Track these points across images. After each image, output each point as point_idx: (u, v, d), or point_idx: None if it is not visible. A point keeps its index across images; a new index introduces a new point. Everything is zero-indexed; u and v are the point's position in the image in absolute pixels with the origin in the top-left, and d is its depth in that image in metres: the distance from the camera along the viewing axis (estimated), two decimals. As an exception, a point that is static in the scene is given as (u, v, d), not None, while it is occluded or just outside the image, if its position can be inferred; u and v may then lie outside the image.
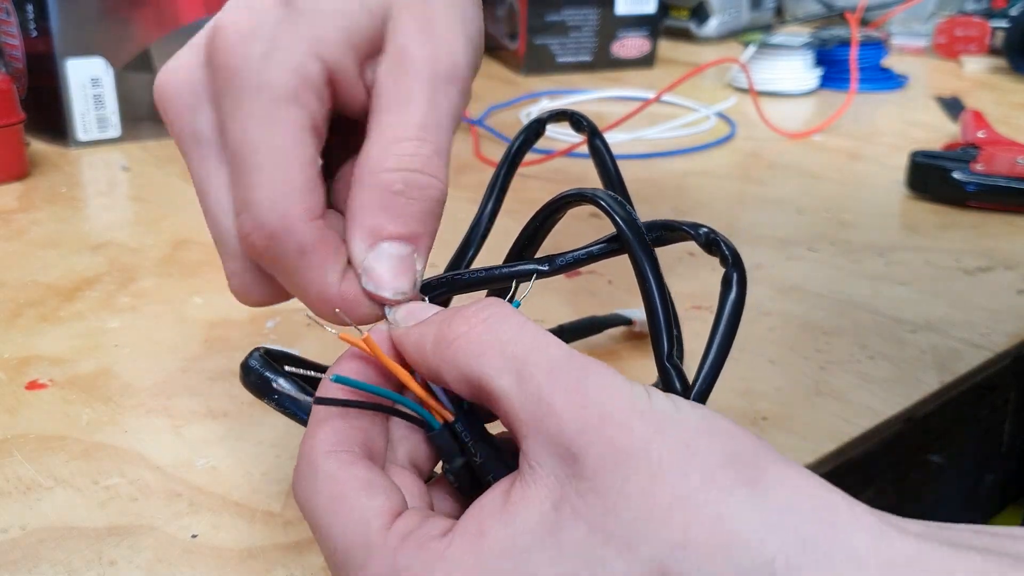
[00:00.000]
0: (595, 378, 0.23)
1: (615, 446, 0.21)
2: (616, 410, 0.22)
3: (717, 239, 0.29)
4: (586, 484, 0.21)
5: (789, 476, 0.21)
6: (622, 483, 0.21)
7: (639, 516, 0.21)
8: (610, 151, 0.37)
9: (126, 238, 0.60)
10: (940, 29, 1.21)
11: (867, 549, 0.20)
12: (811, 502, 0.21)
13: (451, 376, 0.24)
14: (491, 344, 0.24)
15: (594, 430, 0.22)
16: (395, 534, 0.23)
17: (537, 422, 0.22)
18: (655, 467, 0.21)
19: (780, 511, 0.20)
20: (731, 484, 0.21)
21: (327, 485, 0.24)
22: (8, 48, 0.79)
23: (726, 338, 0.28)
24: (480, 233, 0.35)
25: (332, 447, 0.25)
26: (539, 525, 0.21)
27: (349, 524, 0.24)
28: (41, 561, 0.32)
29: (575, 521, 0.21)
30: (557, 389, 0.22)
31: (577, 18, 1.09)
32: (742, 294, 0.28)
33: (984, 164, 0.67)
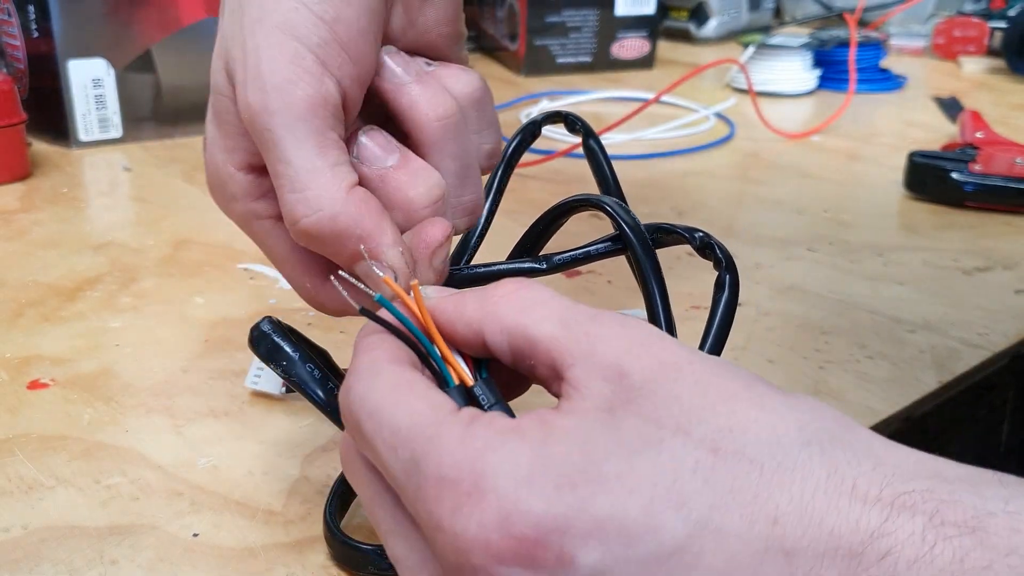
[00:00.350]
0: (634, 320, 0.25)
1: (661, 360, 0.24)
2: (658, 337, 0.25)
3: (711, 243, 0.30)
4: (635, 393, 0.23)
5: (809, 397, 0.24)
6: (670, 387, 0.23)
7: (690, 408, 0.23)
8: (605, 152, 0.38)
9: (127, 238, 0.60)
10: (938, 30, 1.21)
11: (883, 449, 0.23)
12: (833, 412, 0.24)
13: (492, 328, 0.26)
14: (534, 302, 0.26)
15: (640, 349, 0.24)
16: (465, 414, 0.24)
17: (585, 352, 0.24)
18: (698, 375, 0.23)
19: (811, 411, 0.23)
20: (767, 391, 0.24)
21: (394, 381, 0.25)
22: (10, 49, 0.79)
23: (718, 339, 0.30)
24: (479, 232, 0.35)
25: (396, 360, 0.26)
26: (597, 420, 0.23)
27: (419, 406, 0.24)
28: (43, 560, 0.32)
29: (629, 416, 0.23)
30: (603, 326, 0.25)
31: (577, 19, 1.09)
32: (734, 297, 0.30)
33: (982, 164, 0.67)
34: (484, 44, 1.18)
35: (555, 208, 0.33)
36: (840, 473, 0.22)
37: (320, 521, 0.33)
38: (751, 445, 0.22)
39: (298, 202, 0.28)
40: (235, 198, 0.32)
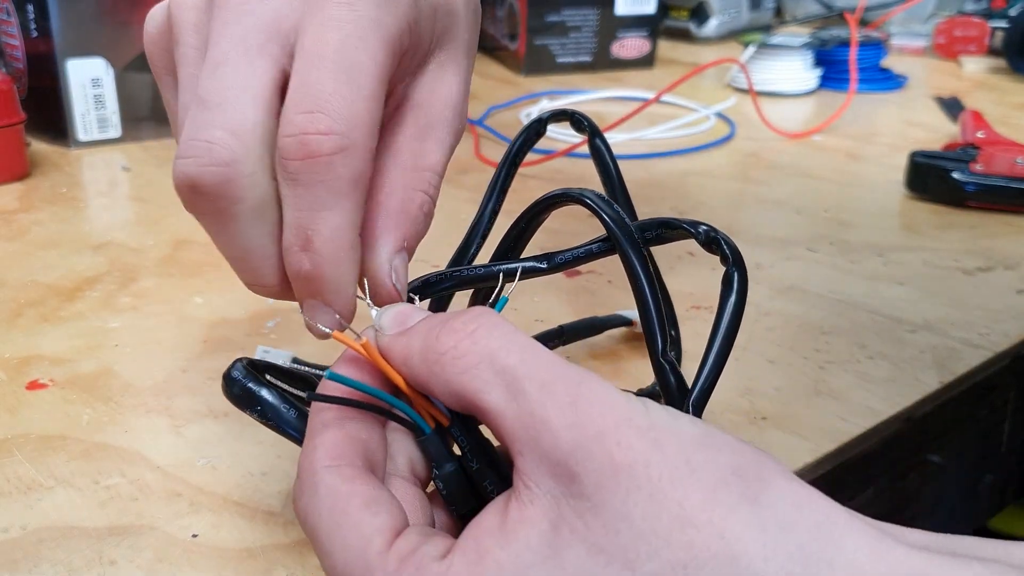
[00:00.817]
0: (589, 392, 0.22)
1: (614, 463, 0.21)
2: (613, 425, 0.21)
3: (718, 237, 0.29)
4: (584, 504, 0.21)
5: (790, 490, 0.21)
6: (622, 502, 0.21)
7: (640, 536, 0.20)
8: (611, 151, 0.38)
9: (127, 238, 0.60)
10: (939, 29, 1.21)
11: (868, 562, 0.20)
12: (812, 517, 0.21)
13: (439, 391, 0.24)
14: (480, 358, 0.23)
15: (591, 446, 0.21)
16: (395, 555, 0.23)
17: (531, 439, 0.22)
18: (655, 484, 0.21)
19: (782, 528, 0.20)
20: (733, 501, 0.21)
21: (328, 500, 0.24)
22: (9, 48, 0.79)
23: (727, 340, 0.28)
24: (481, 232, 0.35)
25: (333, 460, 0.25)
26: (538, 546, 0.21)
27: (350, 542, 0.23)
28: (42, 561, 0.32)
29: (575, 542, 0.21)
30: (551, 404, 0.22)
31: (577, 18, 1.09)
32: (743, 294, 0.28)
33: (983, 164, 0.67)
34: (484, 44, 1.18)
35: (536, 204, 0.33)
36: None
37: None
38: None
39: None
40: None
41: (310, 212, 0.26)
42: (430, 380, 0.24)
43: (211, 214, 0.27)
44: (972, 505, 0.53)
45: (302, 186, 0.26)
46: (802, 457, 0.38)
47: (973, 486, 0.53)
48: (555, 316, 0.47)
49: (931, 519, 0.49)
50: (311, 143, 0.25)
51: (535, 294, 0.51)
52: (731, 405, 0.41)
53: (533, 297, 0.51)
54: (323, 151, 0.25)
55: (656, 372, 0.28)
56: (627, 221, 0.30)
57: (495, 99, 0.95)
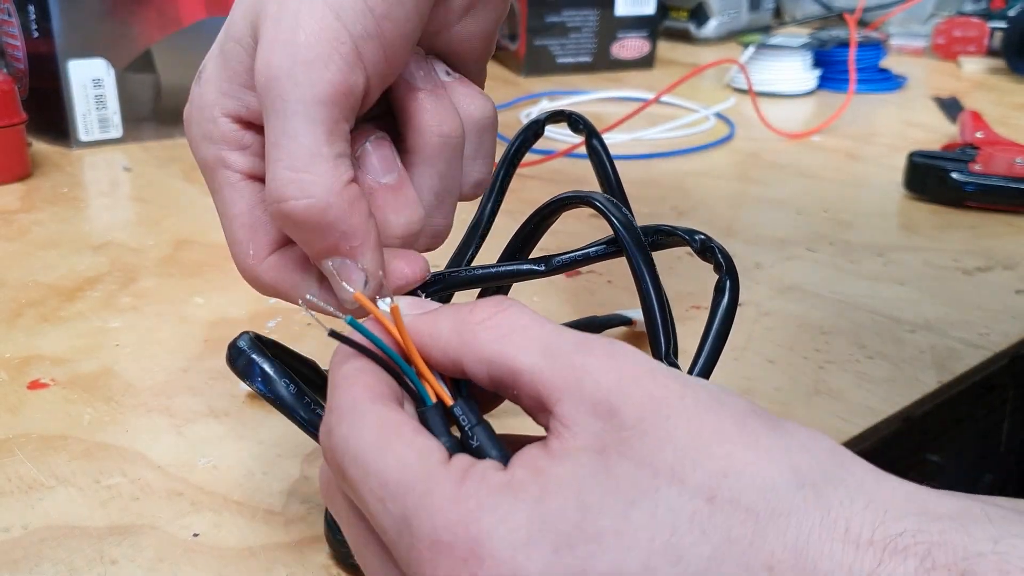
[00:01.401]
0: (622, 348, 0.24)
1: (652, 397, 0.23)
2: (648, 370, 0.23)
3: (712, 246, 0.30)
4: (627, 432, 0.22)
5: (803, 428, 0.24)
6: (663, 428, 0.22)
7: (684, 452, 0.22)
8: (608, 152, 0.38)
9: (127, 238, 0.60)
10: (938, 30, 1.21)
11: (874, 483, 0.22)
12: (825, 444, 0.23)
13: (471, 358, 0.25)
14: (514, 328, 0.25)
15: (630, 384, 0.23)
16: (456, 467, 0.23)
17: (572, 385, 0.23)
18: (691, 412, 0.23)
19: (803, 448, 0.23)
20: (759, 427, 0.23)
21: (378, 424, 0.24)
22: (10, 49, 0.79)
23: (716, 345, 0.29)
24: (480, 232, 0.35)
25: (377, 396, 0.25)
26: (589, 464, 0.22)
27: (408, 456, 0.23)
28: (43, 560, 0.32)
29: (622, 460, 0.22)
30: (589, 356, 0.24)
31: (577, 19, 1.09)
32: (734, 302, 0.29)
33: (982, 164, 0.67)
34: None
35: (545, 206, 0.33)
36: (833, 516, 0.22)
37: (320, 521, 0.33)
38: (747, 491, 0.22)
39: (291, 182, 0.27)
40: (212, 140, 0.31)
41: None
42: (462, 349, 0.25)
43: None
44: (971, 505, 0.53)
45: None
46: (801, 456, 0.38)
47: (972, 485, 0.53)
48: (555, 316, 0.47)
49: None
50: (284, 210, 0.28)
51: (535, 294, 0.51)
52: (731, 405, 0.41)
53: (533, 297, 0.51)
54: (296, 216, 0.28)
55: None
56: (635, 225, 0.30)
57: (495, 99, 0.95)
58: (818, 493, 0.22)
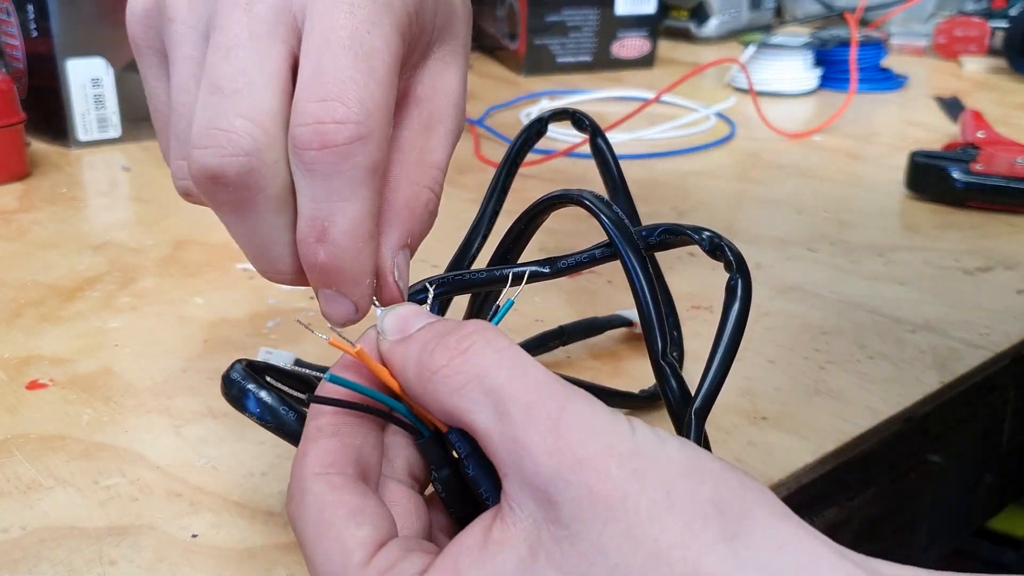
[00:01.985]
0: (573, 416, 0.22)
1: (592, 493, 0.21)
2: (593, 454, 0.21)
3: (722, 244, 0.29)
4: (562, 531, 0.21)
5: (773, 527, 0.21)
6: (598, 534, 0.21)
7: (614, 570, 0.20)
8: (612, 151, 0.37)
9: (126, 238, 0.60)
10: (940, 29, 1.21)
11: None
12: (795, 557, 0.20)
13: (432, 407, 0.24)
14: (469, 377, 0.23)
15: (570, 475, 0.21)
16: (373, 571, 0.23)
17: (515, 463, 0.22)
18: (631, 518, 0.20)
19: (760, 569, 0.20)
20: (711, 539, 0.20)
21: (314, 509, 0.24)
22: (8, 48, 0.79)
23: (730, 348, 0.28)
24: (481, 233, 0.35)
25: (323, 468, 0.25)
26: (514, 571, 0.21)
27: (331, 553, 0.23)
28: (41, 561, 0.32)
29: (550, 570, 0.21)
30: (532, 429, 0.22)
31: (577, 18, 1.09)
32: (747, 302, 0.28)
33: (983, 164, 0.67)
34: (484, 44, 1.18)
35: (535, 205, 0.33)
36: None
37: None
38: None
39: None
40: None
41: (327, 203, 0.26)
42: (423, 396, 0.25)
43: (231, 204, 0.26)
44: (972, 505, 0.53)
45: (319, 176, 0.25)
46: (802, 457, 0.38)
47: (973, 486, 0.53)
48: (555, 316, 0.47)
49: (931, 519, 0.49)
50: (327, 132, 0.25)
51: (535, 295, 0.51)
52: (731, 405, 0.41)
53: (533, 298, 0.51)
54: (340, 140, 0.25)
55: (656, 375, 0.28)
56: (626, 223, 0.30)
57: (495, 99, 0.95)
58: None
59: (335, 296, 0.27)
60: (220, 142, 0.25)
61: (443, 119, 0.30)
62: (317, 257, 0.26)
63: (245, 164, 0.25)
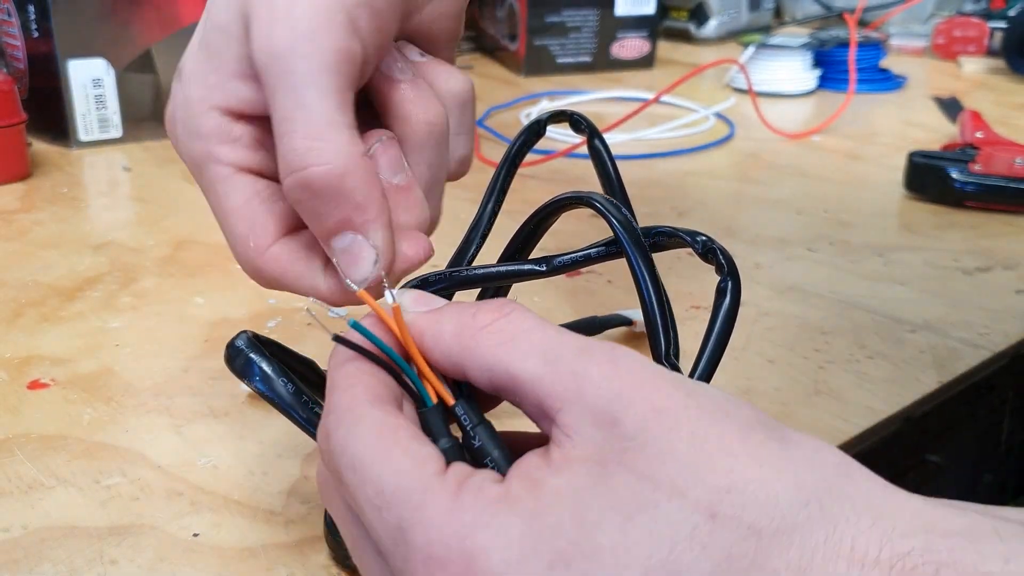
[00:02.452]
0: (624, 354, 0.24)
1: (655, 407, 0.22)
2: (651, 377, 0.23)
3: (714, 247, 0.30)
4: (629, 443, 0.22)
5: (809, 439, 0.23)
6: (665, 439, 0.22)
7: (685, 465, 0.22)
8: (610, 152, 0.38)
9: (127, 238, 0.60)
10: (938, 30, 1.21)
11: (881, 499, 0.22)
12: (831, 458, 0.23)
13: (473, 364, 0.25)
14: (516, 334, 0.25)
15: (632, 394, 0.23)
16: (452, 478, 0.23)
17: (574, 393, 0.23)
18: (694, 423, 0.22)
19: (808, 462, 0.22)
20: (764, 439, 0.23)
21: (376, 428, 0.24)
22: (10, 49, 0.79)
23: (717, 347, 0.29)
24: (480, 232, 0.35)
25: (376, 398, 0.25)
26: (588, 475, 0.22)
27: (405, 465, 0.23)
28: (43, 560, 0.32)
29: (623, 471, 0.22)
30: (590, 363, 0.23)
31: (577, 19, 1.09)
32: (735, 304, 0.29)
33: (982, 164, 0.67)
34: (484, 44, 1.18)
35: (545, 206, 0.33)
36: (839, 533, 0.21)
37: (320, 521, 0.33)
38: (749, 508, 0.21)
39: (310, 150, 0.27)
40: (200, 137, 0.30)
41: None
42: (463, 354, 0.25)
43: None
44: (971, 505, 0.53)
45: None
46: (801, 457, 0.38)
47: (972, 485, 0.53)
48: (555, 316, 0.47)
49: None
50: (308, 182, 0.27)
51: (535, 294, 0.51)
52: (731, 405, 0.41)
53: (533, 297, 0.51)
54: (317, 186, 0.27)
55: None
56: (634, 225, 0.30)
57: (495, 99, 0.95)
58: (823, 509, 0.21)
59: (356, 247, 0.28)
60: None
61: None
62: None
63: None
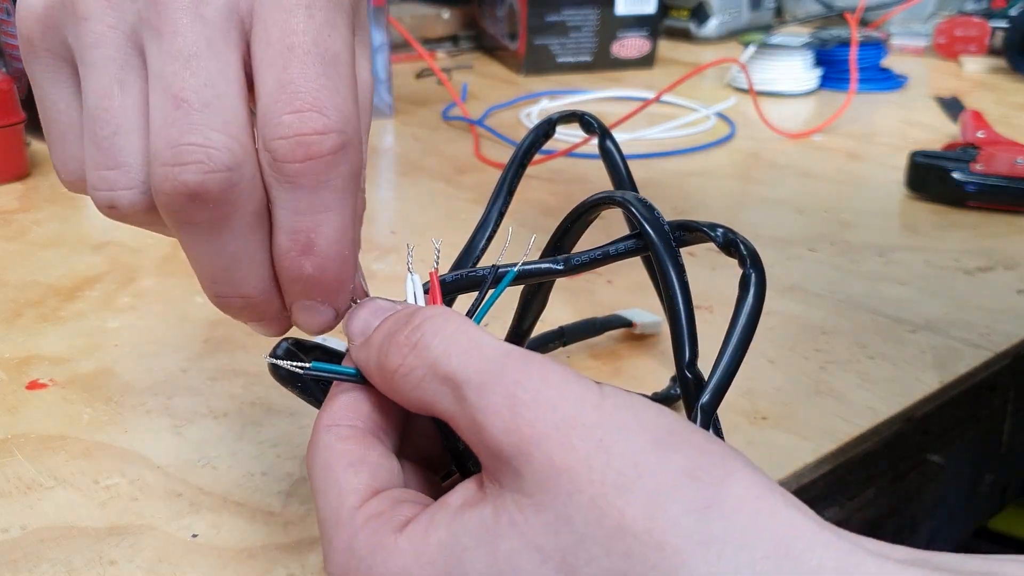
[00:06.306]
0: (530, 391, 0.22)
1: (554, 465, 0.21)
2: (553, 427, 0.21)
3: (736, 239, 0.29)
4: (527, 500, 0.21)
5: (751, 497, 0.20)
6: (563, 504, 0.20)
7: (579, 541, 0.20)
8: (621, 153, 0.37)
9: (127, 238, 0.60)
10: (940, 29, 1.21)
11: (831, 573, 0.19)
12: (772, 529, 0.19)
13: (404, 404, 0.25)
14: (425, 371, 0.24)
15: (530, 450, 0.21)
16: (361, 515, 0.24)
17: (479, 442, 0.22)
18: (597, 489, 0.20)
19: (733, 541, 0.19)
20: (679, 512, 0.19)
21: (321, 457, 0.26)
22: (9, 48, 0.79)
23: (741, 343, 0.27)
24: (487, 234, 0.35)
25: (333, 421, 0.26)
26: (477, 532, 0.21)
27: (330, 497, 0.25)
28: (42, 561, 0.32)
29: (513, 535, 0.21)
30: (489, 409, 0.22)
31: (577, 18, 1.09)
32: (760, 297, 0.28)
33: (983, 164, 0.67)
34: (484, 43, 1.18)
35: (579, 208, 0.33)
36: None
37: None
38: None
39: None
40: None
41: (311, 215, 0.25)
42: (392, 395, 0.25)
43: (207, 223, 0.25)
44: (972, 505, 0.53)
45: (302, 189, 0.25)
46: (802, 457, 0.38)
47: (973, 486, 0.53)
48: (555, 316, 0.47)
49: (931, 519, 0.49)
50: (311, 144, 0.24)
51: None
52: (731, 405, 0.41)
53: (533, 297, 0.51)
54: (324, 151, 0.24)
55: (681, 384, 0.28)
56: (666, 228, 0.29)
57: (495, 99, 0.95)
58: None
59: (314, 306, 0.27)
60: (199, 158, 0.24)
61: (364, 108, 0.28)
62: (303, 270, 0.26)
63: (227, 179, 0.24)
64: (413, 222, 0.64)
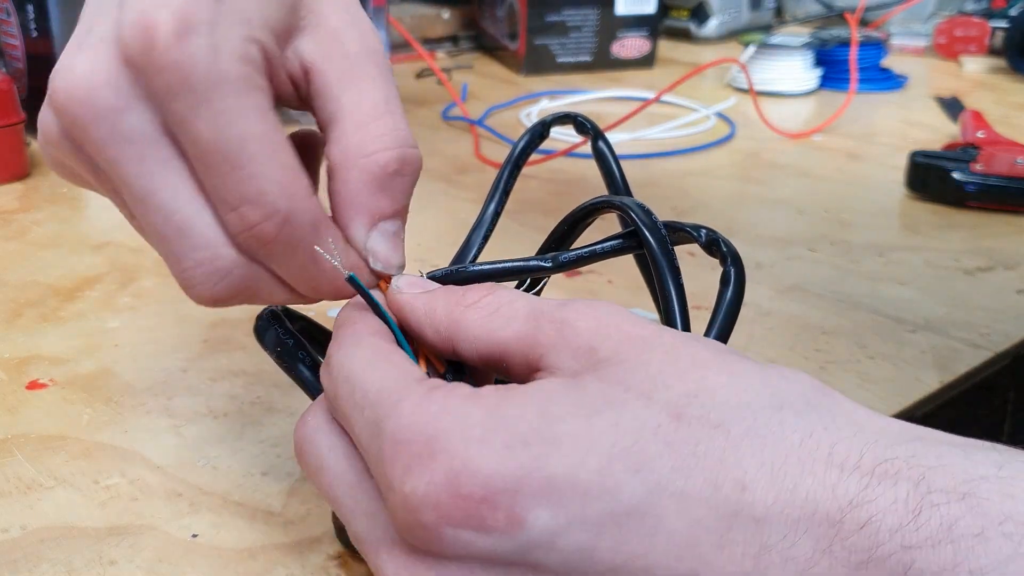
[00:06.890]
0: (603, 303, 0.25)
1: (630, 335, 0.24)
2: (627, 315, 0.25)
3: (717, 238, 0.30)
4: (603, 361, 0.23)
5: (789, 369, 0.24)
6: (640, 354, 0.23)
7: (657, 375, 0.22)
8: (615, 154, 0.37)
9: (126, 238, 0.60)
10: (940, 29, 1.21)
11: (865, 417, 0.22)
12: (810, 380, 0.23)
13: (462, 338, 0.26)
14: (500, 305, 0.26)
15: (608, 329, 0.24)
16: (429, 382, 0.24)
17: (555, 339, 0.24)
18: (668, 345, 0.23)
19: (784, 377, 0.23)
20: (739, 358, 0.23)
21: (372, 349, 0.26)
22: (8, 48, 0.79)
23: (721, 333, 0.29)
24: (483, 233, 0.35)
25: (377, 332, 0.27)
26: (561, 384, 0.23)
27: (391, 373, 0.25)
28: (41, 561, 0.32)
29: (594, 381, 0.23)
30: (571, 312, 0.25)
31: (577, 18, 1.09)
32: (739, 292, 0.29)
33: (983, 164, 0.67)
34: (484, 44, 1.18)
35: (577, 211, 0.34)
36: (815, 438, 0.21)
37: (321, 522, 0.33)
38: (717, 409, 0.22)
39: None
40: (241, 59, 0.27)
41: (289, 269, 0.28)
42: (452, 328, 0.26)
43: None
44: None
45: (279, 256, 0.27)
46: (802, 457, 0.38)
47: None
48: (555, 316, 0.47)
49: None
50: (261, 234, 0.26)
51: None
52: (731, 405, 0.41)
53: (533, 297, 0.51)
54: (269, 237, 0.26)
55: None
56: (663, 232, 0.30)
57: (495, 99, 0.95)
58: (798, 416, 0.22)
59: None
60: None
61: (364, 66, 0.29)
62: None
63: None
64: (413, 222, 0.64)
